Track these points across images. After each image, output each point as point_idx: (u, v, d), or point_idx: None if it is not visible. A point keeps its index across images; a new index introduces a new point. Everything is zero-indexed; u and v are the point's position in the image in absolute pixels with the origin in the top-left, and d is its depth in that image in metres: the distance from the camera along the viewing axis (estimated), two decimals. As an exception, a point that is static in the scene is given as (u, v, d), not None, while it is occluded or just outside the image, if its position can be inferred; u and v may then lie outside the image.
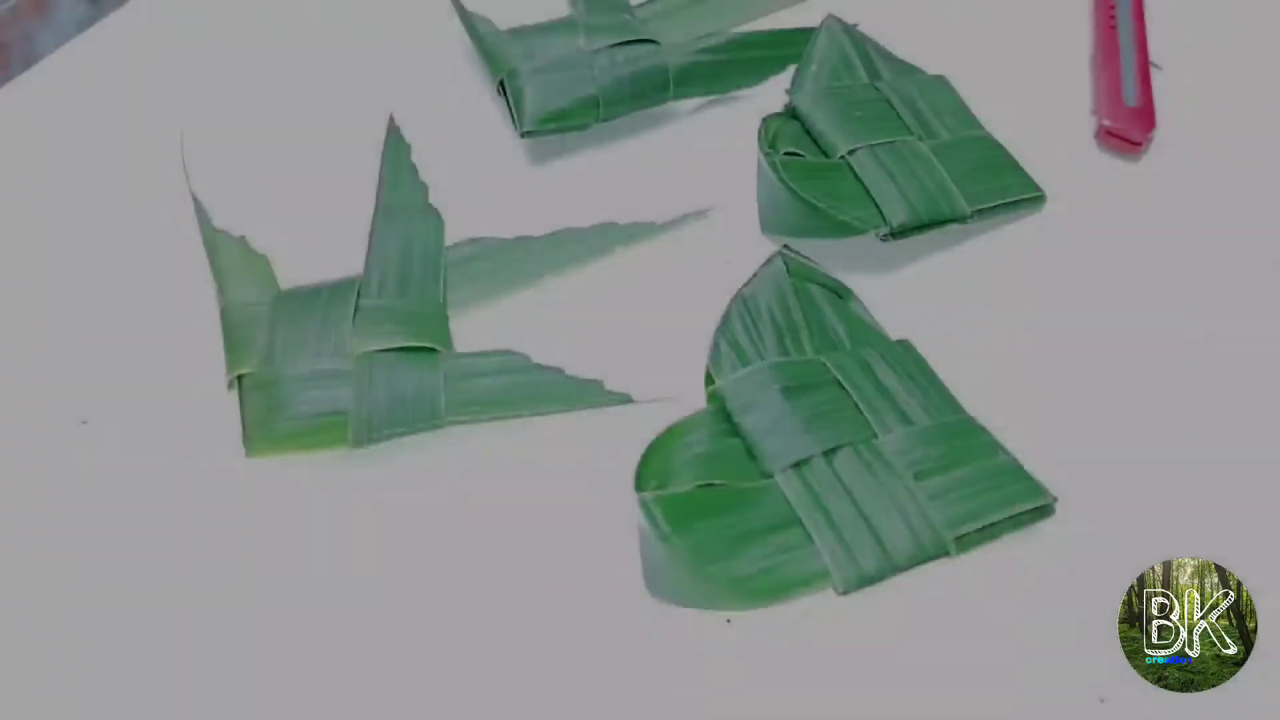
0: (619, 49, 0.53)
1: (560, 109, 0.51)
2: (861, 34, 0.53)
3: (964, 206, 0.47)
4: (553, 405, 0.43)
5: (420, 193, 0.50)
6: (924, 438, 0.39)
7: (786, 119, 0.50)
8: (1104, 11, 0.55)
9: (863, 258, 0.47)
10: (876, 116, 0.49)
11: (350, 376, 0.43)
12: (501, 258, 0.48)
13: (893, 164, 0.47)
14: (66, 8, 0.62)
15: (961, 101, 0.51)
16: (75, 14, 0.62)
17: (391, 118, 0.53)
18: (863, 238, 0.46)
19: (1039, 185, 0.49)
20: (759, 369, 0.40)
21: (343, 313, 0.45)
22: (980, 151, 0.49)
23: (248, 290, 0.47)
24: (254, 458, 0.42)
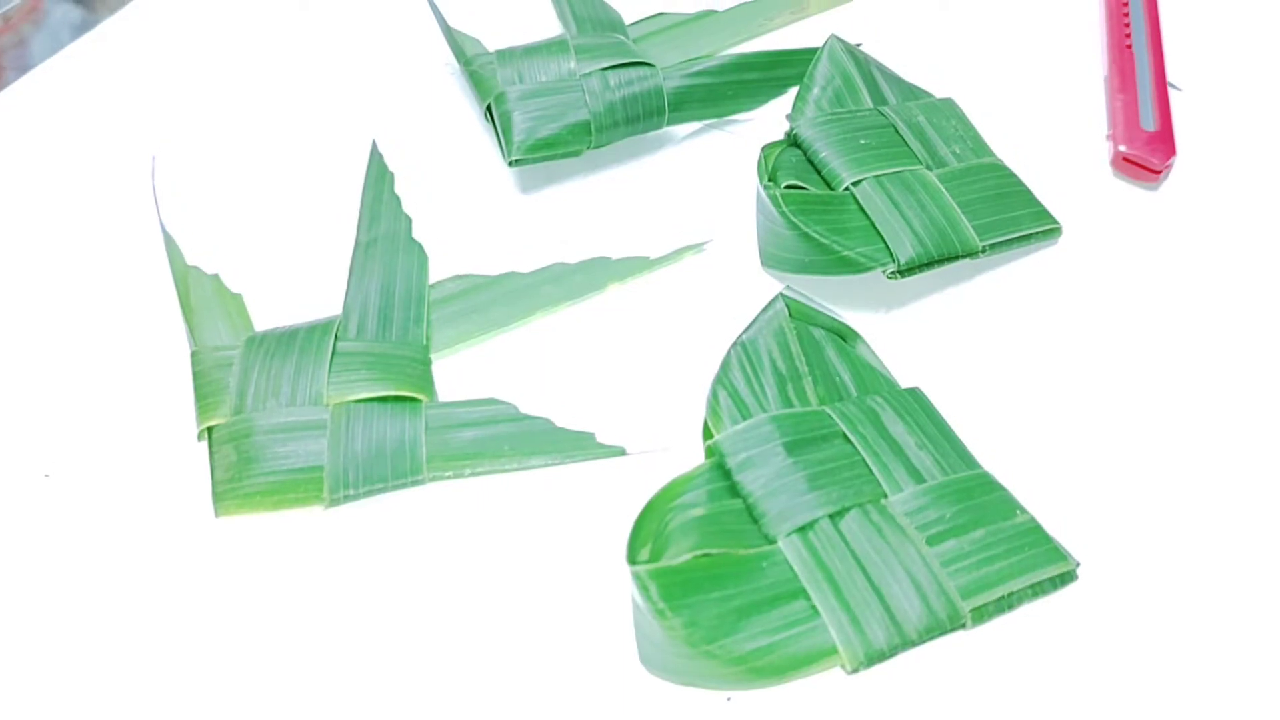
0: (612, 72, 0.49)
1: (550, 136, 0.47)
2: (865, 55, 0.49)
3: (975, 241, 0.43)
4: (541, 459, 0.39)
5: (403, 225, 0.47)
6: (937, 496, 0.36)
7: (787, 147, 0.46)
8: (1118, 30, 0.51)
9: (869, 295, 0.43)
10: (882, 144, 0.45)
11: (326, 428, 0.39)
12: (488, 295, 0.45)
13: (900, 195, 0.44)
14: (60, 14, 0.59)
15: (971, 126, 0.48)
16: (69, 19, 0.58)
17: (374, 144, 0.50)
18: (869, 274, 0.42)
19: (1053, 216, 0.45)
20: (760, 422, 0.37)
21: (319, 357, 0.41)
22: (991, 180, 0.46)
23: (220, 332, 0.43)
24: (223, 517, 0.38)
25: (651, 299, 0.44)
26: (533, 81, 0.49)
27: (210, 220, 0.47)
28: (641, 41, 0.54)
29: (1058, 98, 0.50)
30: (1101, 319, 0.42)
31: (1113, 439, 0.39)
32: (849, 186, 0.44)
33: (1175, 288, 0.43)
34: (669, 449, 0.39)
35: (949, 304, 0.43)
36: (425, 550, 0.38)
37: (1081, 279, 0.44)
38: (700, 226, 0.46)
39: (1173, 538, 0.37)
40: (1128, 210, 0.46)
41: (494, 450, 0.39)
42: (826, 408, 0.38)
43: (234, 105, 0.52)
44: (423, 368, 0.42)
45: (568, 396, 0.41)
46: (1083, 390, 0.40)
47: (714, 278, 0.45)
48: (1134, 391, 0.40)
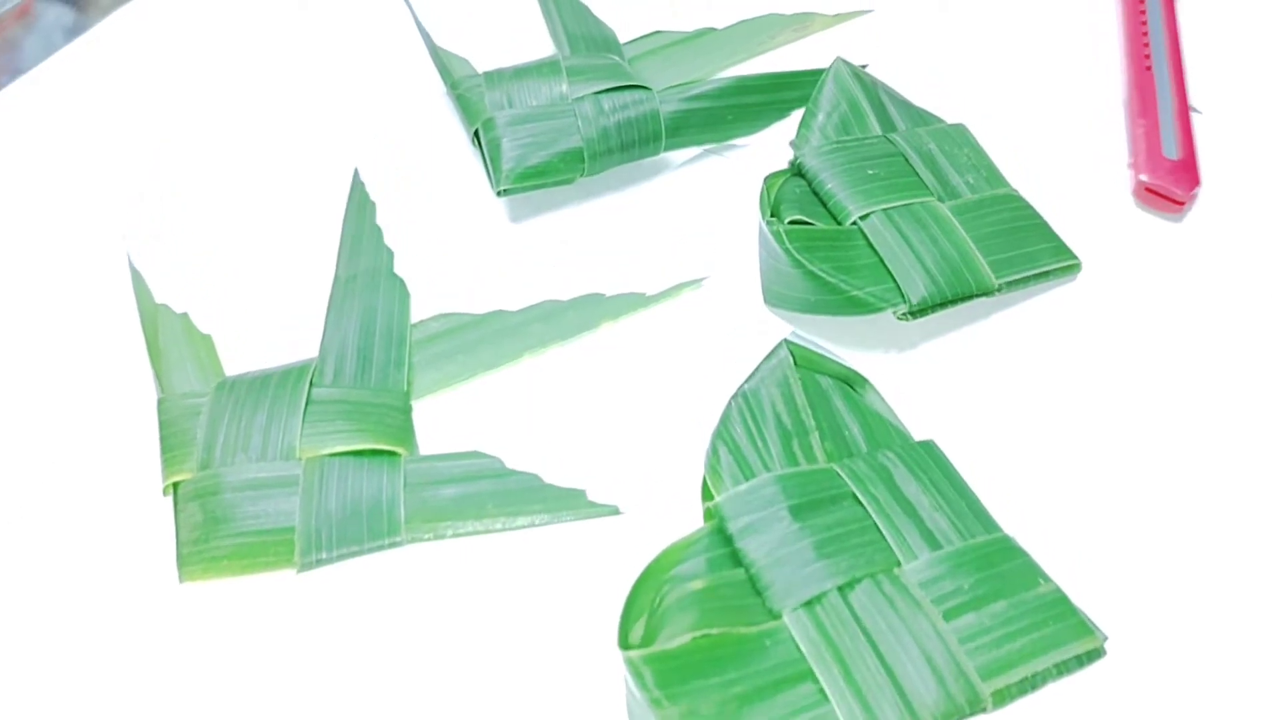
0: (605, 95, 0.46)
1: (540, 164, 0.44)
2: (872, 78, 0.46)
3: (991, 279, 0.40)
4: (529, 518, 0.36)
5: (384, 260, 0.44)
6: (954, 564, 0.33)
7: (790, 177, 0.43)
8: (1137, 51, 0.48)
9: (878, 335, 0.40)
10: (891, 174, 0.42)
11: (298, 484, 0.36)
12: (473, 335, 0.42)
13: (911, 230, 0.40)
14: (52, 16, 0.56)
15: (984, 154, 0.45)
16: (61, 21, 0.56)
17: (356, 173, 0.47)
18: (879, 314, 0.39)
19: (1072, 251, 0.42)
20: (763, 483, 0.34)
21: (292, 406, 0.38)
22: (1006, 212, 0.42)
23: (188, 376, 0.40)
24: (188, 582, 0.35)
25: (647, 339, 0.41)
26: (522, 105, 0.46)
27: (180, 254, 0.44)
28: (637, 62, 0.51)
29: (1074, 123, 0.46)
30: (1125, 361, 0.39)
31: (1143, 495, 0.36)
32: (857, 220, 0.41)
33: (1203, 326, 0.40)
34: (665, 507, 0.36)
35: (962, 345, 0.40)
36: (402, 620, 0.34)
37: (1103, 318, 0.40)
38: (699, 260, 0.43)
39: (1213, 607, 0.34)
40: (1150, 244, 0.43)
41: (477, 509, 0.36)
42: (835, 465, 0.35)
43: (208, 130, 0.49)
44: (403, 417, 0.38)
45: (557, 446, 0.38)
46: (1108, 440, 0.37)
47: (714, 316, 0.42)
48: (1164, 441, 0.37)
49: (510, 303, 0.42)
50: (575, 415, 0.39)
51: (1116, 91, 0.48)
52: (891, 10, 0.52)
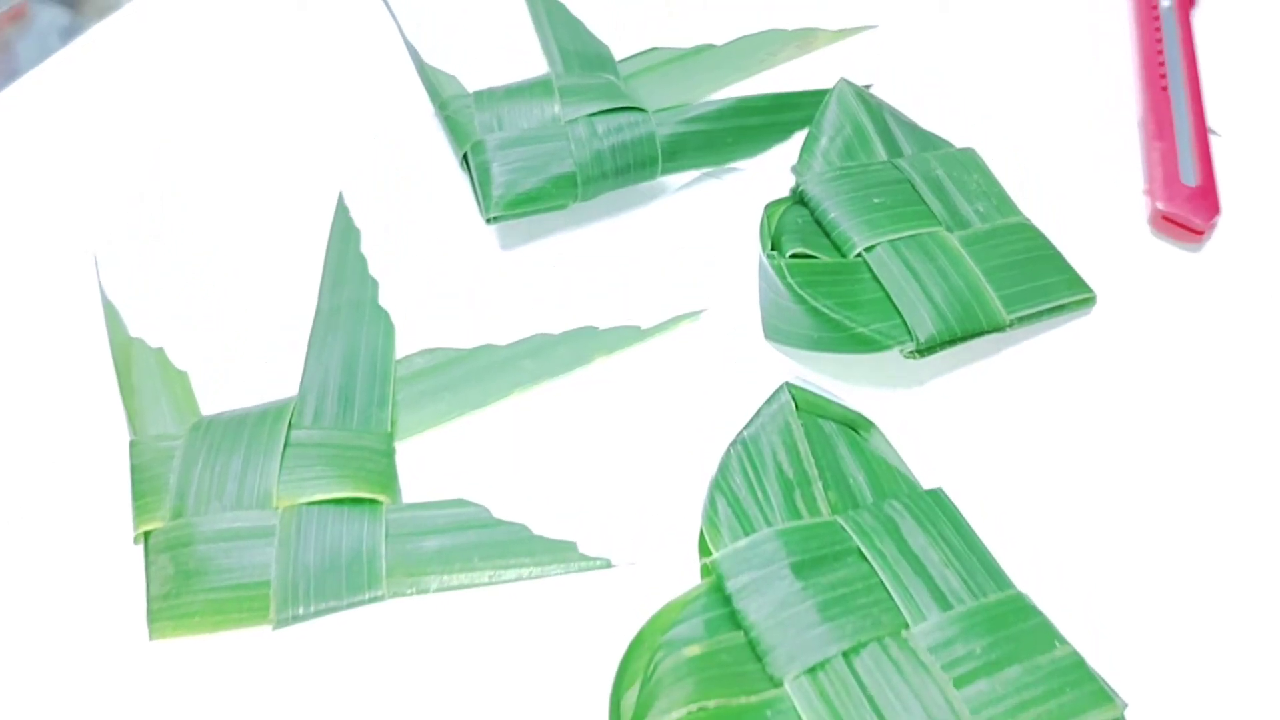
0: (599, 118, 0.44)
1: (531, 190, 0.42)
2: (877, 99, 0.44)
3: (1002, 314, 0.38)
4: (516, 571, 0.34)
5: (369, 291, 0.41)
6: (965, 626, 0.31)
7: (792, 205, 0.41)
8: (1152, 70, 0.46)
9: (884, 373, 0.38)
10: (897, 203, 0.40)
11: (274, 534, 0.34)
12: (461, 371, 0.39)
13: (918, 262, 0.38)
14: (47, 17, 0.54)
15: (994, 180, 0.43)
16: (57, 23, 0.54)
17: (340, 197, 0.44)
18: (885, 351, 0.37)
19: (1087, 284, 0.40)
20: (763, 539, 0.32)
21: (269, 450, 0.36)
22: (1018, 243, 0.40)
23: (162, 416, 0.38)
24: (159, 639, 0.33)
25: (642, 375, 0.39)
26: (513, 128, 0.44)
27: (155, 284, 0.42)
28: (633, 80, 0.48)
29: (1087, 146, 0.44)
30: (1143, 401, 0.37)
31: (1167, 546, 0.34)
32: (861, 252, 0.39)
33: (1225, 363, 0.38)
34: (660, 560, 0.34)
35: (972, 383, 0.38)
36: (382, 680, 0.32)
37: (1119, 354, 0.38)
38: (697, 291, 0.41)
39: (1247, 677, 0.31)
40: (1168, 275, 0.41)
41: (463, 561, 0.34)
42: (839, 517, 0.33)
43: (185, 151, 0.46)
44: (385, 460, 0.36)
45: (547, 491, 0.36)
46: (1127, 485, 0.35)
47: (712, 351, 0.40)
48: (1188, 486, 0.35)
49: (499, 336, 0.40)
50: (566, 457, 0.37)
51: (1131, 113, 0.45)
52: (897, 26, 0.50)
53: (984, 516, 0.34)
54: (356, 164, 0.46)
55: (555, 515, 0.35)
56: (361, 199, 0.45)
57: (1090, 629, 0.32)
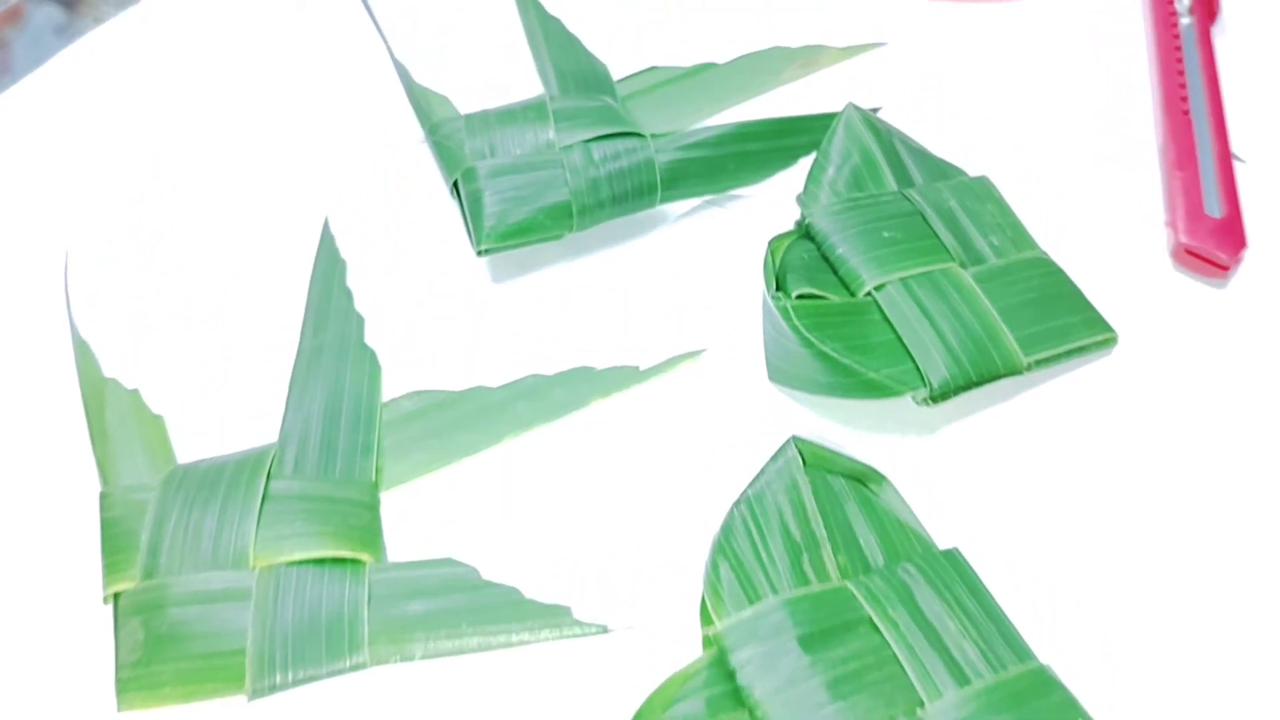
0: (596, 144, 0.41)
1: (524, 221, 0.40)
2: (886, 125, 0.42)
3: (1019, 358, 0.35)
4: (506, 637, 0.32)
5: (354, 328, 0.39)
6: (984, 703, 0.29)
7: (798, 239, 0.38)
8: (1173, 94, 0.43)
9: (895, 418, 0.36)
10: (909, 237, 0.38)
11: (251, 597, 0.32)
12: (450, 415, 0.37)
13: (931, 302, 0.36)
14: (42, 16, 0.52)
15: (1009, 211, 0.40)
16: (52, 20, 0.52)
17: (326, 225, 0.42)
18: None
19: (1108, 323, 0.37)
20: (769, 609, 0.30)
21: (246, 503, 0.34)
22: (1036, 279, 0.38)
23: (136, 464, 0.36)
24: (127, 710, 0.30)
25: (640, 421, 0.37)
26: (506, 154, 0.42)
27: (130, 320, 0.39)
28: (631, 101, 0.46)
29: (1105, 173, 0.42)
30: (1168, 448, 0.35)
31: (1197, 607, 0.31)
32: (871, 291, 0.36)
33: (1253, 406, 0.36)
34: (660, 626, 0.31)
35: (987, 430, 0.36)
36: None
37: (1142, 397, 0.36)
38: (698, 328, 0.39)
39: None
40: (1192, 313, 0.38)
41: (450, 626, 0.32)
42: (849, 583, 0.30)
43: (164, 176, 0.44)
44: (369, 515, 0.34)
45: (539, 547, 0.34)
46: (1156, 541, 0.33)
47: (715, 393, 0.37)
48: (1222, 541, 0.33)
49: (491, 377, 0.38)
50: (559, 510, 0.35)
51: (1151, 139, 0.43)
52: (906, 44, 0.47)
53: (1002, 576, 0.32)
54: (342, 191, 0.44)
55: (548, 575, 0.33)
56: (347, 227, 0.42)
57: (1119, 703, 0.29)
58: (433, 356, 0.39)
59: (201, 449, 0.36)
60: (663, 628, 0.31)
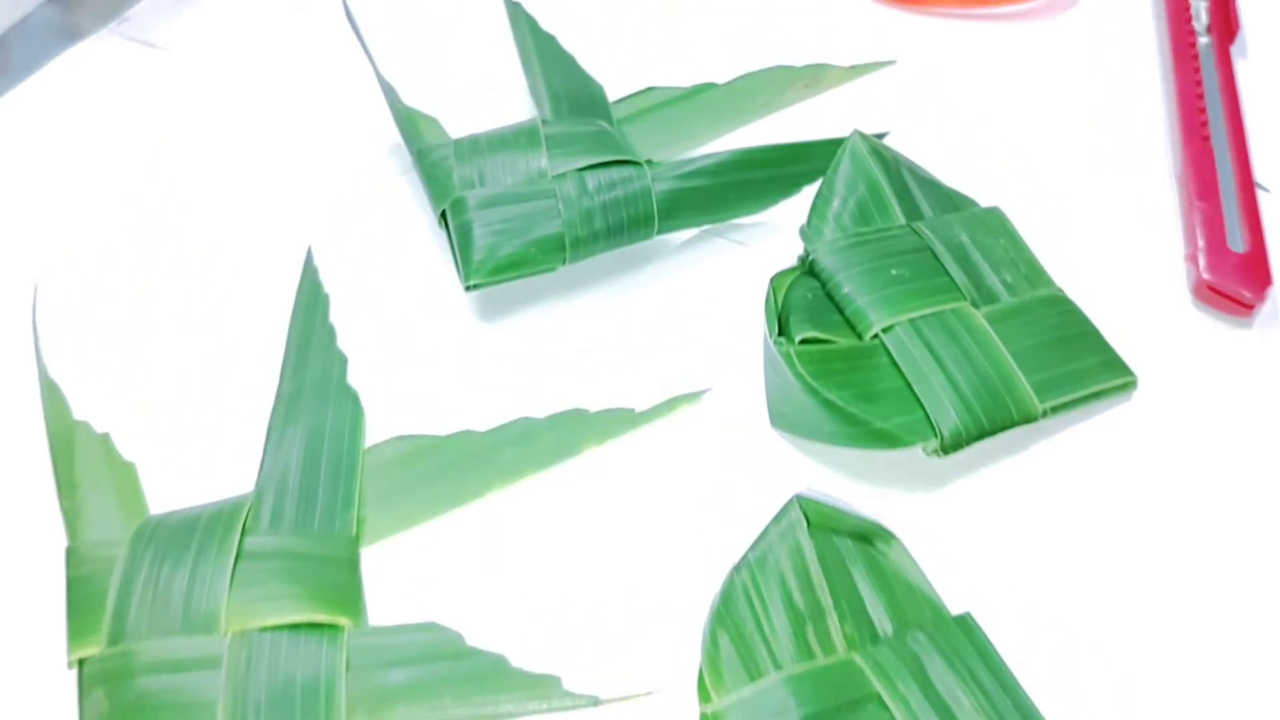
0: (590, 172, 0.39)
1: (515, 254, 0.38)
2: (894, 153, 0.39)
3: (1035, 405, 0.33)
4: (493, 709, 0.30)
5: (336, 368, 0.37)
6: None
7: (801, 276, 0.36)
8: (1192, 119, 0.41)
9: (906, 469, 0.34)
10: (918, 274, 0.36)
11: (222, 665, 0.30)
12: (436, 462, 0.35)
13: (941, 345, 0.34)
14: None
15: (1023, 244, 0.38)
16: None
17: (309, 255, 0.40)
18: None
19: (1127, 366, 0.35)
20: (771, 687, 0.28)
21: (219, 560, 0.32)
22: (1051, 319, 0.36)
23: (106, 516, 0.34)
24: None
25: (636, 469, 0.35)
26: (495, 183, 0.39)
27: (103, 361, 0.37)
28: (627, 124, 0.44)
29: (1122, 203, 0.40)
30: (1194, 499, 0.33)
31: (1234, 676, 0.29)
32: (879, 333, 0.34)
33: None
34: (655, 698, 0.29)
35: (1001, 481, 0.34)
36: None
37: (1164, 445, 0.34)
38: (698, 368, 0.37)
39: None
40: (1215, 354, 0.36)
41: (433, 697, 0.30)
42: (856, 655, 0.28)
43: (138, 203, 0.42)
44: (349, 574, 0.32)
45: (527, 609, 0.32)
46: (1181, 601, 0.31)
47: (715, 439, 0.35)
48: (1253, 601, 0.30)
49: (479, 420, 0.36)
50: (549, 568, 0.33)
51: (1169, 167, 0.41)
52: (916, 63, 0.45)
53: (1018, 642, 0.30)
54: (325, 220, 0.41)
55: (537, 641, 0.31)
56: (330, 259, 0.40)
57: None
58: (418, 397, 0.37)
59: (176, 496, 0.34)
60: (658, 702, 0.29)
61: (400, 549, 0.33)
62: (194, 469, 0.35)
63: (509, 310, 0.39)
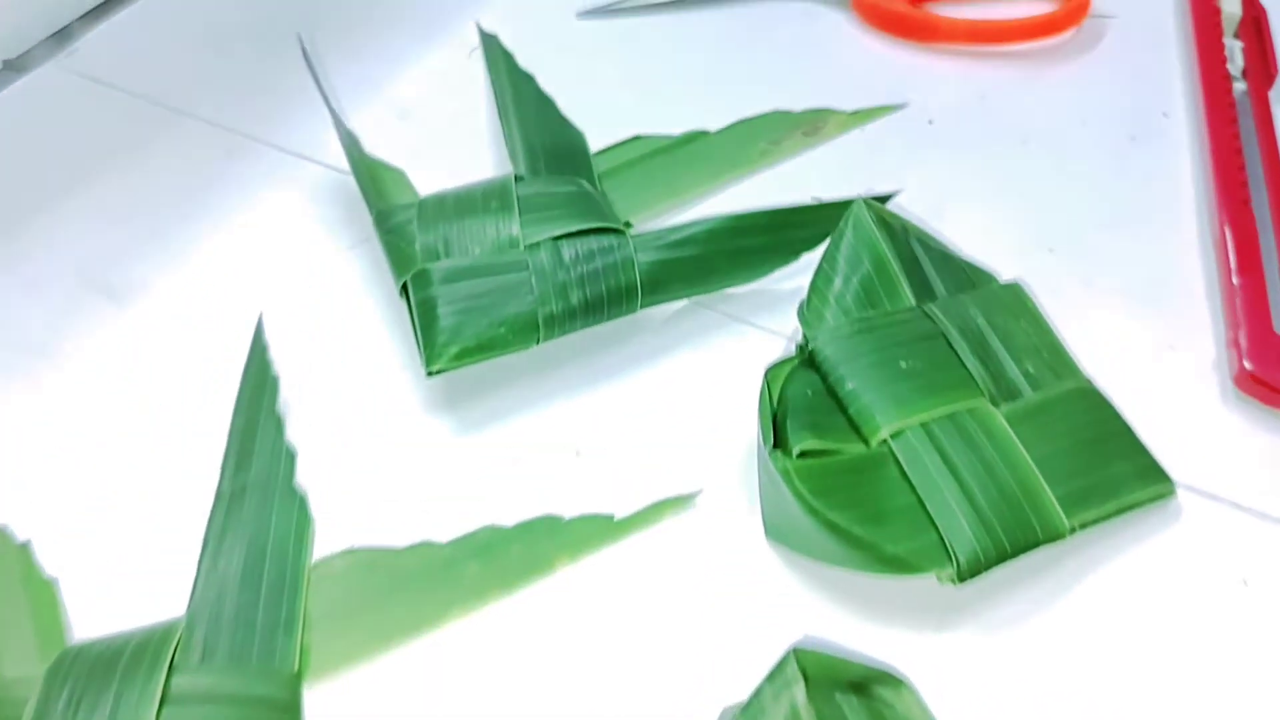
0: (567, 241, 0.35)
1: (482, 337, 0.33)
2: (902, 221, 0.35)
3: (1062, 522, 0.29)
4: None
5: (283, 466, 0.33)
6: None
7: (799, 367, 0.32)
8: (1230, 179, 0.36)
9: (917, 596, 0.30)
10: (931, 367, 0.31)
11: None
12: (389, 580, 0.31)
13: (958, 453, 0.30)
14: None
15: (1046, 326, 0.34)
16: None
17: (259, 328, 0.36)
18: (917, 574, 0.28)
19: (1165, 472, 0.31)
20: None
21: (143, 704, 0.27)
22: (1080, 417, 0.32)
23: (21, 646, 0.30)
24: None
25: (615, 589, 0.30)
26: (463, 252, 0.35)
27: (20, 456, 0.33)
28: (611, 177, 0.40)
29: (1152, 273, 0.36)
30: (1250, 626, 0.28)
31: None
32: (887, 439, 0.30)
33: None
34: None
35: (1025, 609, 0.30)
36: None
37: (1208, 561, 0.30)
38: (686, 465, 0.32)
39: None
40: (1262, 453, 0.32)
41: None
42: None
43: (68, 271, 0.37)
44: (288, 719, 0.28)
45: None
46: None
47: (704, 552, 0.31)
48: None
49: (439, 527, 0.31)
50: (519, 705, 0.28)
51: (1206, 232, 0.36)
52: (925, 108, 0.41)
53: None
54: (278, 287, 0.37)
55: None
56: (283, 332, 0.36)
57: None
58: (372, 499, 0.32)
59: (103, 614, 0.30)
60: None
61: (347, 687, 0.29)
62: (123, 580, 0.31)
63: (474, 396, 0.34)
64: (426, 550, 0.31)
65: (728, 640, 0.29)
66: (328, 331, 0.36)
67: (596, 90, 0.43)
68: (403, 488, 0.33)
